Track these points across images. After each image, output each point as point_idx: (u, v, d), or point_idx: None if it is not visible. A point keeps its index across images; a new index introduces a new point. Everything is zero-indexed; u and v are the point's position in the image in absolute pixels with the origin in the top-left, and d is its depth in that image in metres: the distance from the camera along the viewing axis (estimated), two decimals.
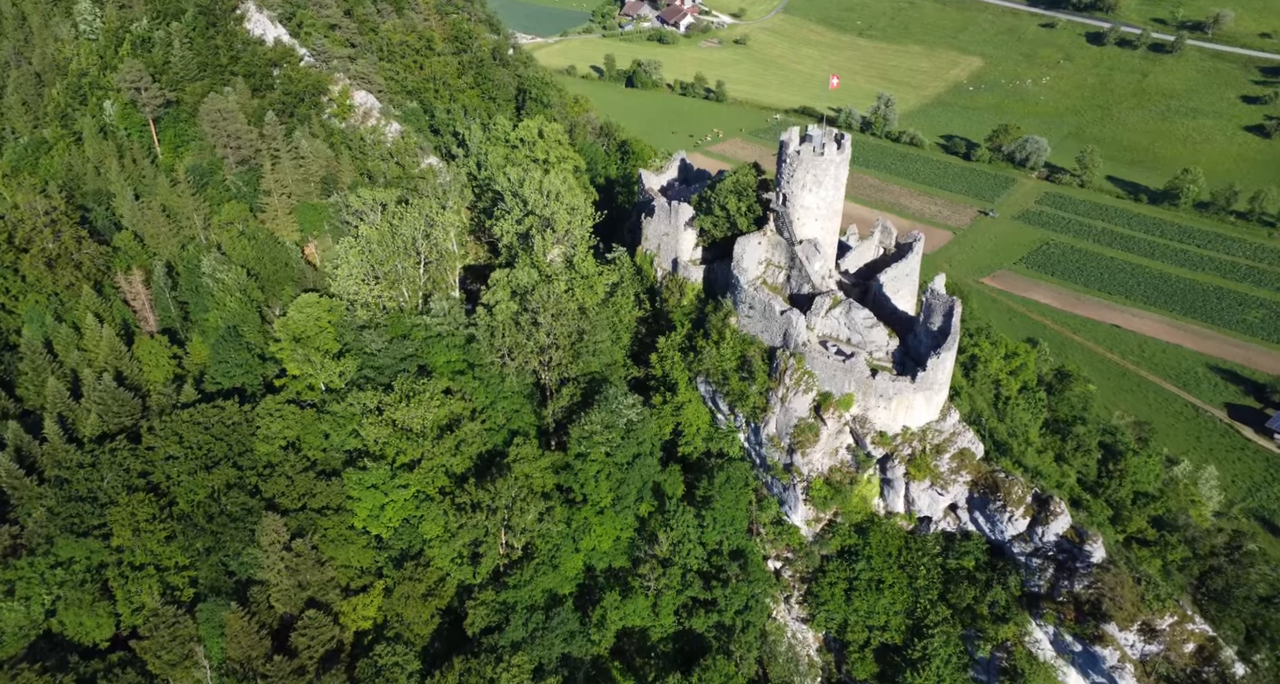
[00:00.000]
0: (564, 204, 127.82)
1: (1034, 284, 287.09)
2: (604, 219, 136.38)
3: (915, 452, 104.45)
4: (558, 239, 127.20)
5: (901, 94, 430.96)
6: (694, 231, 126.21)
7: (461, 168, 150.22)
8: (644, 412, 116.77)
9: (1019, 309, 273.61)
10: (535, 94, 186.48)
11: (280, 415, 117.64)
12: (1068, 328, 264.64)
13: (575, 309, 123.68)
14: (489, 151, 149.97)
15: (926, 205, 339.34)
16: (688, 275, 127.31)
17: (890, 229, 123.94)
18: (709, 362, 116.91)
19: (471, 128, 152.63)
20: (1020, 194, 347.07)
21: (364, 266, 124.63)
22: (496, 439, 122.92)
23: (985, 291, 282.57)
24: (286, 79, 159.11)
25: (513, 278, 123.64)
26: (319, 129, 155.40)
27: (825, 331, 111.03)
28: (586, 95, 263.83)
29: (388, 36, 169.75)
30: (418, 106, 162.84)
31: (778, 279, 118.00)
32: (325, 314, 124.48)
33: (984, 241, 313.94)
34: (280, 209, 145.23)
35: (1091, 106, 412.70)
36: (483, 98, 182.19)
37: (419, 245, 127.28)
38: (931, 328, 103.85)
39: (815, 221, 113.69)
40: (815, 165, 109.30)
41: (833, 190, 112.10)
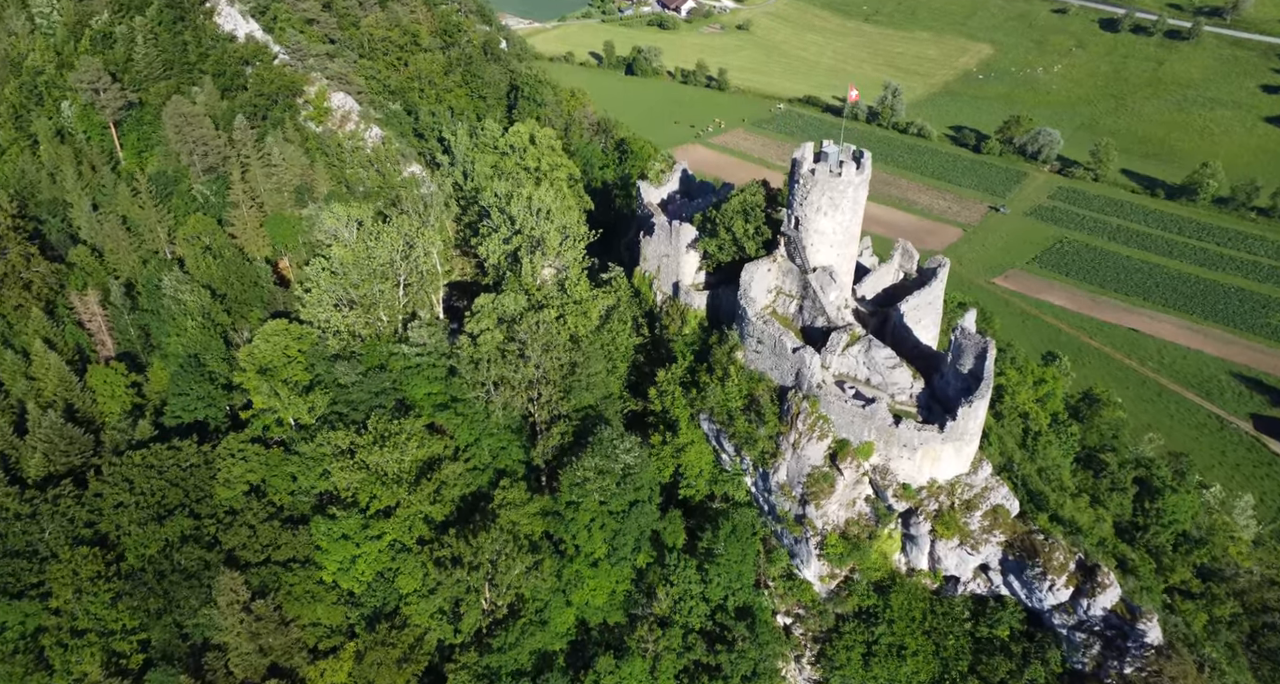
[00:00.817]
0: (555, 223, 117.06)
1: (1047, 285, 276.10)
2: (601, 230, 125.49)
3: (943, 507, 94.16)
4: (548, 262, 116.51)
5: (909, 83, 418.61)
6: (697, 254, 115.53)
7: (447, 177, 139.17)
8: (642, 454, 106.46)
9: (1032, 312, 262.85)
10: (528, 92, 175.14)
11: (243, 456, 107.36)
12: (1084, 332, 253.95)
13: (567, 339, 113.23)
14: (476, 159, 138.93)
15: (935, 200, 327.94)
16: (690, 301, 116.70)
17: (911, 252, 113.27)
18: (713, 400, 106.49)
19: (458, 132, 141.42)
20: (1032, 189, 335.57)
21: (336, 291, 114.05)
22: (481, 480, 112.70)
23: (997, 293, 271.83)
24: (259, 79, 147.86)
25: (499, 304, 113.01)
26: (293, 134, 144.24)
27: (842, 370, 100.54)
28: (584, 88, 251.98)
29: (369, 32, 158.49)
30: (401, 108, 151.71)
31: (788, 309, 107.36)
32: (294, 343, 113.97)
33: (995, 239, 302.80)
34: (250, 222, 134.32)
35: (1105, 96, 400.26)
36: (472, 96, 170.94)
37: (397, 267, 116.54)
38: (961, 369, 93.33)
39: (830, 248, 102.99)
40: (831, 187, 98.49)
41: (850, 214, 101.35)
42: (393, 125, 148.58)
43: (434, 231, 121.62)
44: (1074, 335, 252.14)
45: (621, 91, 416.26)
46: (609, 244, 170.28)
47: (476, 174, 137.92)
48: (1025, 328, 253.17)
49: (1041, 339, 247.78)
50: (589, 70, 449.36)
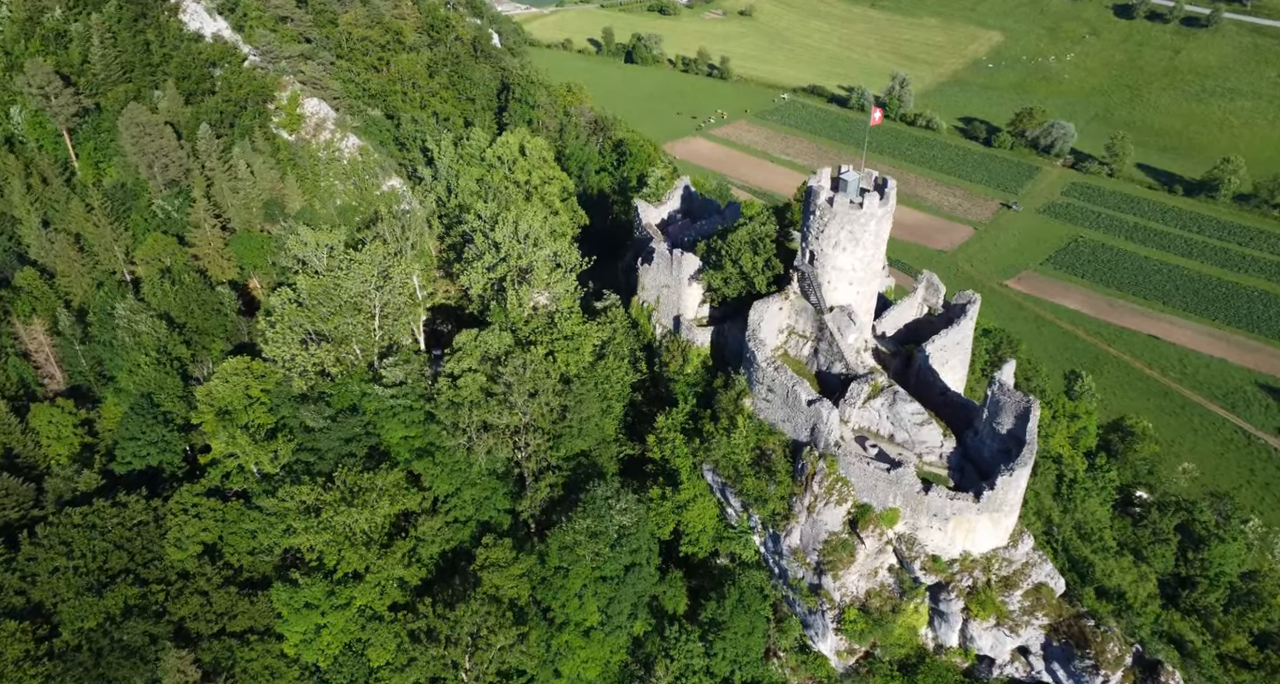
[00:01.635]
0: (544, 251, 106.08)
1: (1063, 287, 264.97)
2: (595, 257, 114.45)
3: (977, 583, 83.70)
4: (536, 293, 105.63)
5: (916, 71, 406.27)
6: (700, 286, 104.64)
7: (429, 192, 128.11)
8: (639, 511, 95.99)
9: (1048, 317, 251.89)
10: (520, 94, 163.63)
11: (197, 513, 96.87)
12: (1101, 338, 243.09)
13: (557, 379, 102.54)
14: (461, 173, 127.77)
15: (945, 197, 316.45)
16: (692, 338, 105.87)
17: (937, 285, 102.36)
18: (718, 452, 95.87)
19: (442, 142, 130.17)
20: (1045, 184, 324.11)
21: (304, 325, 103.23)
22: (463, 534, 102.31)
23: (1011, 296, 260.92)
24: (226, 83, 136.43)
25: (482, 341, 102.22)
26: (263, 143, 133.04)
27: (863, 424, 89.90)
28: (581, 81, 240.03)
29: (348, 30, 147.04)
30: (381, 114, 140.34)
31: (802, 352, 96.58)
32: (256, 383, 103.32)
33: (1007, 238, 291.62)
34: (213, 241, 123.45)
35: (1119, 86, 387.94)
36: (460, 98, 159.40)
37: (371, 298, 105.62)
38: (998, 429, 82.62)
39: (849, 285, 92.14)
40: (852, 220, 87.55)
41: (873, 249, 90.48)
42: (372, 134, 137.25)
43: (413, 258, 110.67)
44: (1091, 342, 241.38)
45: (621, 80, 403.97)
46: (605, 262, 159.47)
47: (460, 190, 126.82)
48: (1040, 334, 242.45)
49: (1058, 347, 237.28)
50: (587, 58, 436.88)
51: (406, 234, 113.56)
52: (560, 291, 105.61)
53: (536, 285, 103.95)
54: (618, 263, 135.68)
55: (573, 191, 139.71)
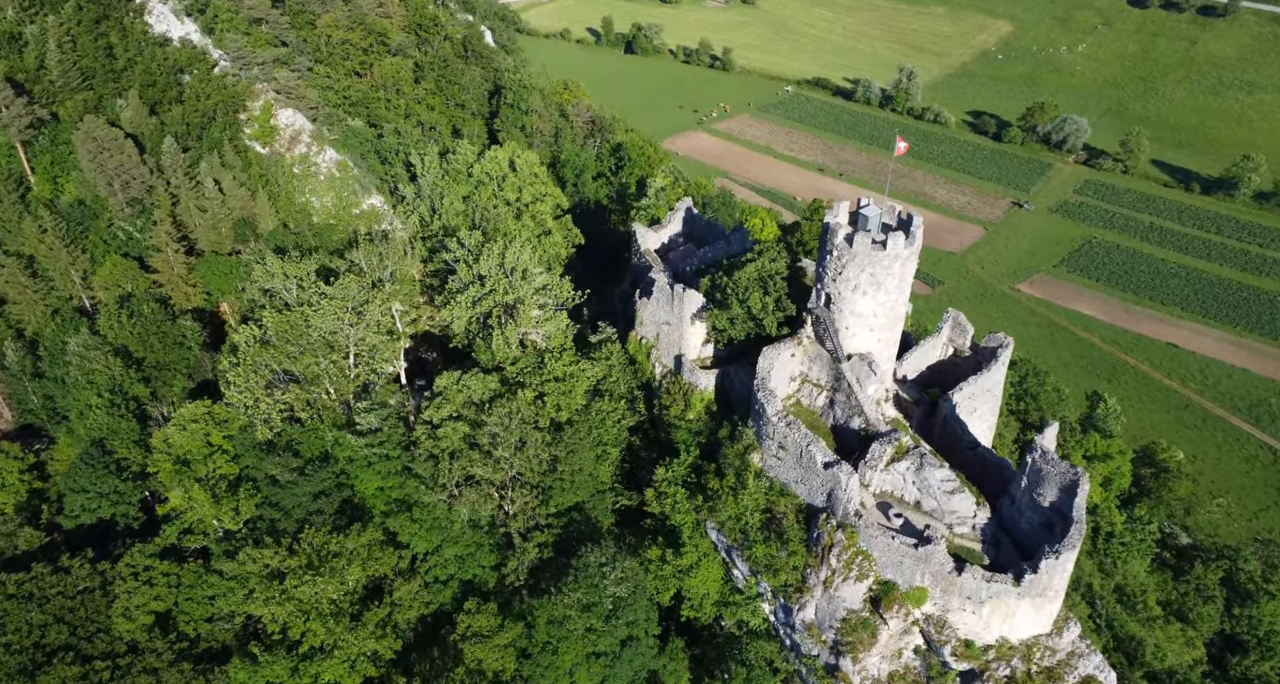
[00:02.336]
0: (533, 285, 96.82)
1: (1077, 291, 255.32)
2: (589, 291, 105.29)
3: (1016, 674, 74.87)
4: (523, 332, 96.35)
5: (923, 62, 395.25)
6: (704, 324, 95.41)
7: (412, 212, 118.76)
8: (637, 578, 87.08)
9: (1062, 323, 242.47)
10: (512, 99, 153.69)
11: (149, 578, 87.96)
12: (1118, 347, 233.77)
13: (547, 425, 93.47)
14: (446, 191, 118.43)
15: (954, 195, 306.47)
16: (695, 380, 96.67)
17: (964, 326, 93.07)
18: (724, 514, 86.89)
19: (426, 156, 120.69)
20: (1057, 182, 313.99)
21: (270, 367, 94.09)
22: (443, 596, 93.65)
23: (1024, 301, 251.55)
24: (194, 92, 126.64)
25: (464, 385, 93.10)
26: (234, 158, 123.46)
27: (886, 488, 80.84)
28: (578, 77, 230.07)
29: (327, 33, 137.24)
30: (362, 125, 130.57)
31: (815, 402, 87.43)
32: (217, 430, 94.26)
33: (1019, 239, 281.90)
34: (177, 266, 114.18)
35: (1133, 79, 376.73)
36: (448, 105, 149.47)
37: (345, 335, 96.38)
38: (1039, 500, 73.57)
39: (870, 332, 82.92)
40: (873, 263, 78.25)
41: (896, 293, 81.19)
42: (351, 146, 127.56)
43: (392, 291, 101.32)
44: (1108, 351, 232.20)
45: (620, 72, 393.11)
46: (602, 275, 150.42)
47: (445, 211, 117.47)
48: (1055, 342, 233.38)
49: (1073, 356, 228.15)
50: (586, 48, 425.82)
51: (385, 262, 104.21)
52: (551, 330, 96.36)
53: (524, 325, 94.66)
54: (614, 288, 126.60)
55: (566, 207, 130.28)
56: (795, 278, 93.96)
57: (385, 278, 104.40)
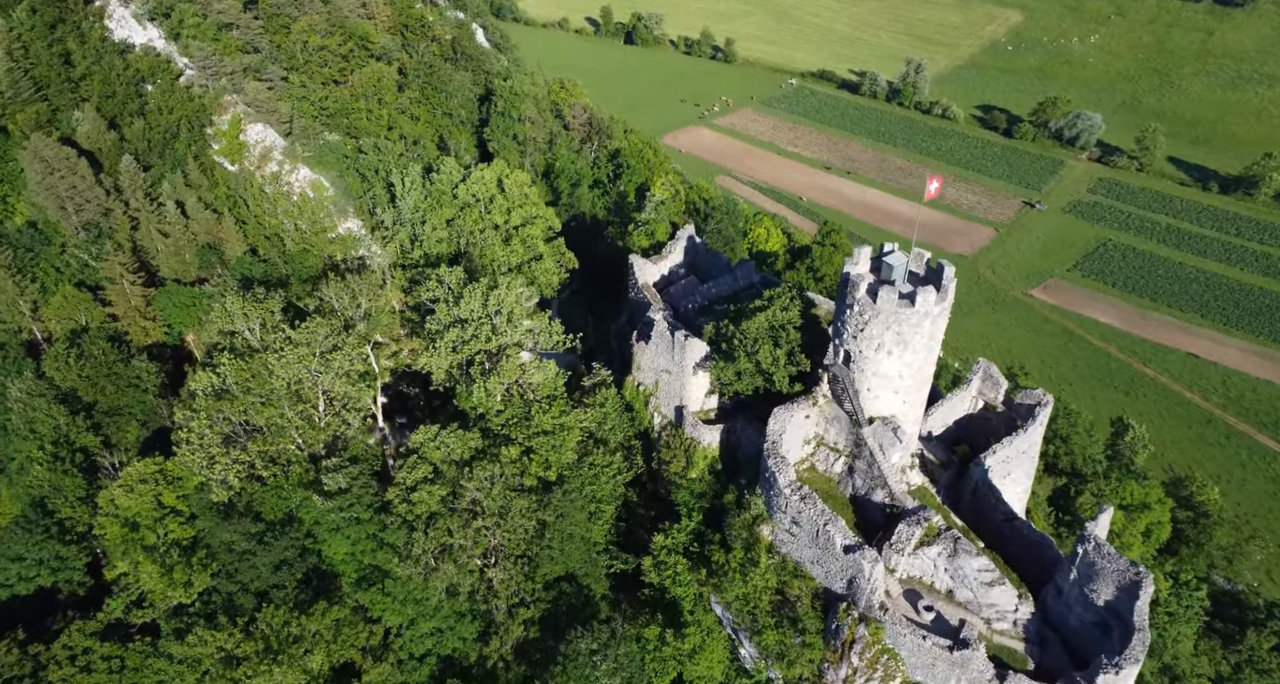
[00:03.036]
0: (520, 330, 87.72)
1: (1092, 297, 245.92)
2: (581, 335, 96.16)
3: None
4: (508, 384, 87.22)
5: (931, 54, 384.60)
6: (708, 374, 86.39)
7: (391, 237, 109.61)
8: (633, 664, 78.39)
9: (1077, 331, 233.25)
10: (503, 107, 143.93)
11: (87, 664, 79.22)
12: (1135, 357, 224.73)
13: (534, 484, 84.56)
14: (428, 215, 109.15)
15: (963, 194, 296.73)
16: (698, 436, 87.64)
17: (996, 378, 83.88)
18: (730, 594, 78.02)
19: (408, 176, 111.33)
20: (1070, 180, 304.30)
21: (229, 419, 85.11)
22: (419, 675, 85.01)
23: (1037, 308, 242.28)
24: (157, 105, 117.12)
25: (442, 443, 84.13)
26: (199, 177, 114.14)
27: (914, 573, 71.99)
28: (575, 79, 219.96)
29: (303, 38, 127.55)
30: (339, 139, 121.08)
31: (833, 468, 78.49)
32: (169, 490, 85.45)
33: (1031, 241, 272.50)
34: (133, 298, 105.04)
35: (1147, 71, 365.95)
36: (435, 113, 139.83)
37: (313, 381, 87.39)
38: (1091, 597, 64.62)
39: (895, 394, 73.89)
40: (900, 320, 69.13)
41: (925, 352, 72.13)
42: (328, 163, 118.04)
43: (364, 333, 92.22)
44: (1125, 361, 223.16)
45: (620, 63, 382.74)
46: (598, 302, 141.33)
47: (426, 237, 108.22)
48: (1070, 352, 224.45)
49: (1089, 367, 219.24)
50: (585, 38, 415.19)
51: (358, 300, 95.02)
52: (539, 380, 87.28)
53: (508, 376, 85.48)
54: (611, 322, 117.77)
55: (559, 229, 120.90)
56: (810, 322, 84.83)
57: (358, 317, 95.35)
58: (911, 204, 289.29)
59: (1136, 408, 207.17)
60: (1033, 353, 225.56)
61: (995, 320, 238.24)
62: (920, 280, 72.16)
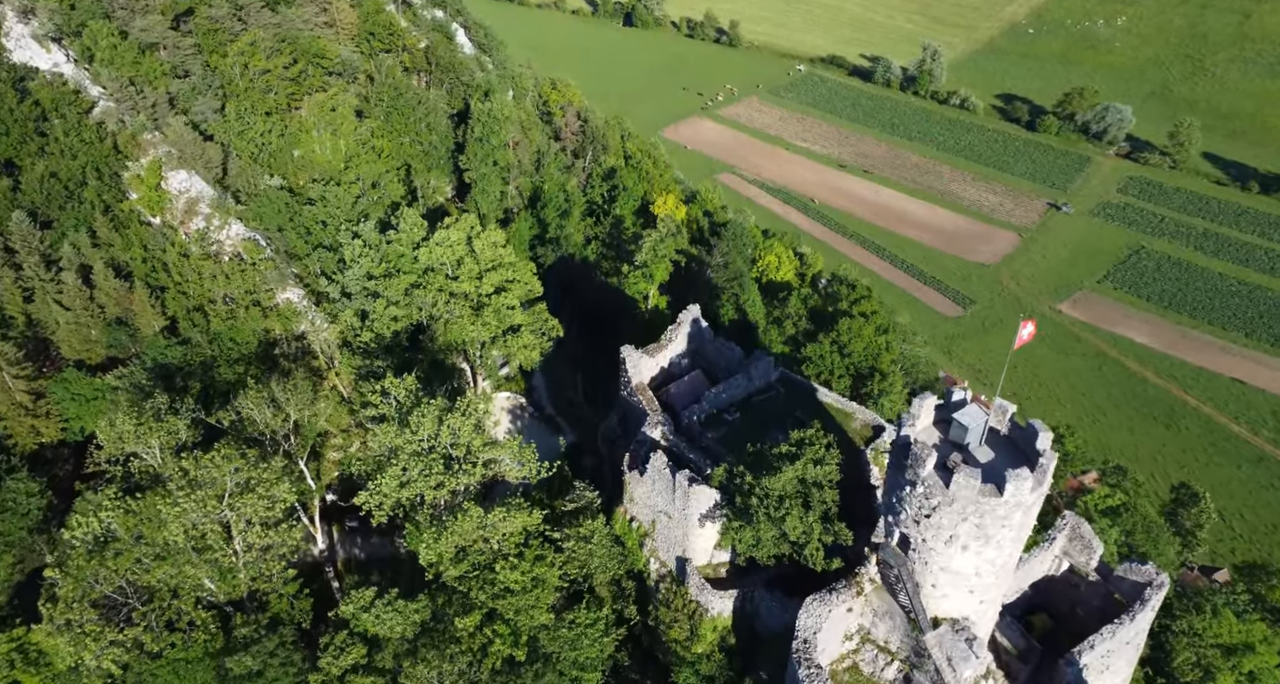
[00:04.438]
0: (480, 470, 69.70)
1: (1125, 313, 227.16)
2: (560, 462, 78.17)
3: None
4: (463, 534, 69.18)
5: (947, 36, 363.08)
6: (717, 525, 68.44)
7: (333, 319, 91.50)
8: None
9: (1110, 353, 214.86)
10: (481, 132, 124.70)
11: None
12: (1175, 382, 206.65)
13: (499, 672, 66.96)
14: (383, 287, 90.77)
15: (984, 194, 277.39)
16: (704, 600, 69.88)
17: (1089, 540, 65.80)
18: None
19: (362, 234, 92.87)
20: (1098, 179, 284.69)
21: (109, 584, 67.40)
22: None
23: (1066, 325, 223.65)
24: (61, 146, 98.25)
25: (379, 616, 66.41)
26: (109, 236, 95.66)
27: None
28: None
29: (242, 60, 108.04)
30: (281, 186, 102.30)
31: (883, 673, 60.73)
32: (29, 676, 67.87)
33: (1057, 248, 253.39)
34: (17, 394, 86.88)
35: (1179, 57, 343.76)
36: (401, 142, 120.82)
37: (218, 531, 69.56)
38: None
39: (970, 594, 55.99)
40: (983, 512, 51.05)
41: (1012, 546, 54.07)
42: (267, 215, 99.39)
43: (291, 460, 74.33)
44: (1163, 387, 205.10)
45: (618, 47, 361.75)
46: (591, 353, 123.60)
47: (378, 317, 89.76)
48: (1104, 377, 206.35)
49: (1124, 394, 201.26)
50: (581, 20, 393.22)
51: (285, 412, 76.86)
52: (507, 531, 69.22)
53: (464, 530, 67.39)
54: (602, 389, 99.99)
55: (539, 292, 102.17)
56: (846, 453, 66.82)
57: (288, 431, 77.43)
58: (930, 206, 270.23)
59: (1179, 443, 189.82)
60: (1062, 377, 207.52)
61: None
62: (1002, 442, 54.10)
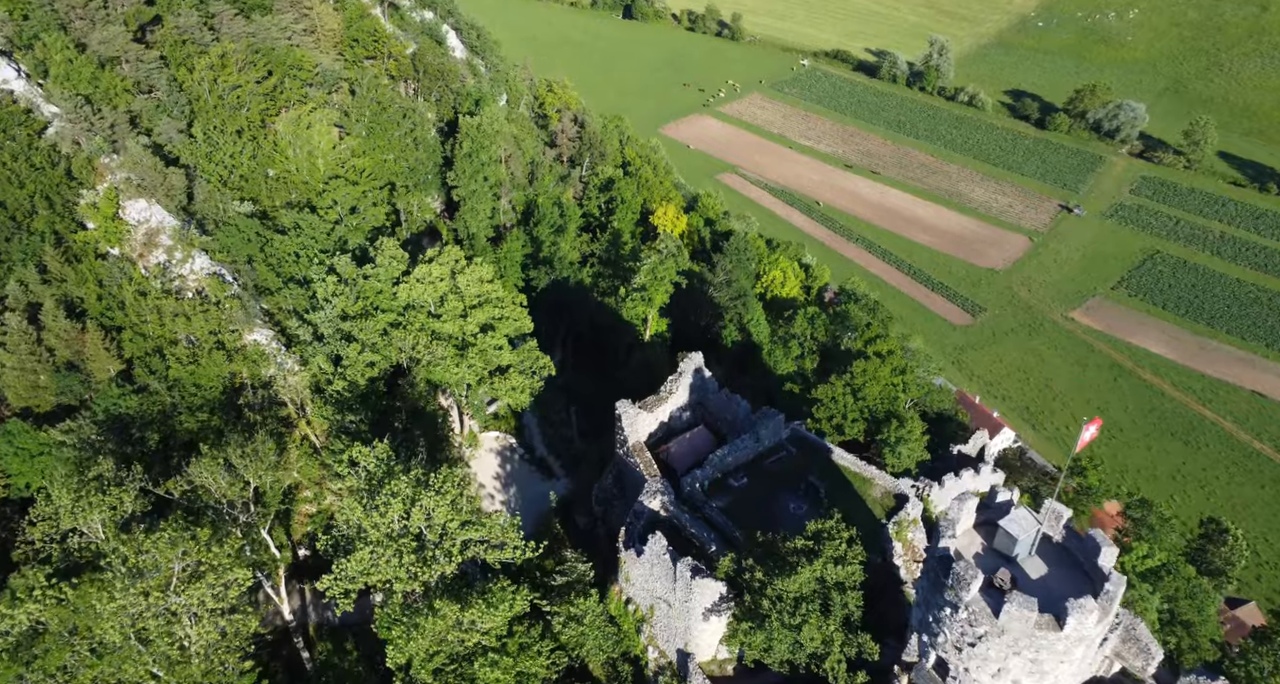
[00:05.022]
0: (457, 559, 62.12)
1: (1139, 321, 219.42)
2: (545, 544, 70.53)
3: None
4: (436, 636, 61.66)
5: (955, 31, 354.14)
6: (723, 619, 60.97)
7: (309, 359, 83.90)
8: None
9: (1126, 364, 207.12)
10: (470, 148, 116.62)
11: None
12: (1193, 395, 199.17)
13: None
14: (357, 328, 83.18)
15: (993, 195, 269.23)
16: None
17: (1146, 644, 57.64)
18: None
19: (339, 266, 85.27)
20: (1111, 179, 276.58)
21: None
22: None
23: (1079, 334, 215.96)
24: (9, 172, 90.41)
25: None
26: (61, 270, 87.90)
27: None
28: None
29: (210, 75, 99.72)
30: (252, 214, 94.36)
31: None
32: None
33: (1069, 253, 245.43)
34: None
35: (1193, 52, 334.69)
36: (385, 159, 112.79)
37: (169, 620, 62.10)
38: None
39: None
40: (1039, 647, 43.56)
41: (1071, 680, 46.48)
42: (235, 246, 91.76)
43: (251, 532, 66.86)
44: (1181, 401, 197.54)
45: (618, 40, 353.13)
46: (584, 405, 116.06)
47: (352, 364, 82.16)
48: (1119, 390, 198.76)
49: (1141, 410, 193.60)
50: (580, 11, 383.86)
51: (243, 480, 69.24)
52: (488, 626, 61.73)
53: (439, 628, 59.94)
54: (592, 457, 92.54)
55: (530, 328, 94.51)
56: (865, 527, 59.25)
57: (247, 501, 69.92)
58: (937, 208, 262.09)
59: (1198, 461, 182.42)
60: (1076, 391, 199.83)
61: (1033, 348, 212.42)
62: (1055, 551, 46.62)
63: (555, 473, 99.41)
